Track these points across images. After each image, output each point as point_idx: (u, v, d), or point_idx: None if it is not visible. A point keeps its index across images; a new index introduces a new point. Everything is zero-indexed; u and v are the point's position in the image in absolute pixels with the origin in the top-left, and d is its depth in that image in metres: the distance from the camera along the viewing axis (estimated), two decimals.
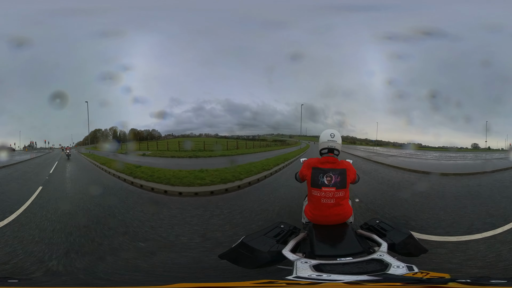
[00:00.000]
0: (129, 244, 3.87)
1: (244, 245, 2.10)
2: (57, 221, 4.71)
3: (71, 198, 6.44)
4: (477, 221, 4.41)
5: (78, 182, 8.26)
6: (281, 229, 2.37)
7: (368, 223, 2.54)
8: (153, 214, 5.22)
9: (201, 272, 3.18)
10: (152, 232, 4.32)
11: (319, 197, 2.49)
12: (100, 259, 3.40)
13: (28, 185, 7.38)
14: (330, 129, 2.71)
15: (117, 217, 4.99)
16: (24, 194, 6.28)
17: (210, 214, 5.10)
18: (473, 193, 6.44)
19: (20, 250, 3.55)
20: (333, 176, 2.49)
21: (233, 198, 6.21)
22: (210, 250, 3.62)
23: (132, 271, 3.18)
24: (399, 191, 7.04)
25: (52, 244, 3.77)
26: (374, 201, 5.77)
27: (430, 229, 4.13)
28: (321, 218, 2.51)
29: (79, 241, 3.91)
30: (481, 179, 8.03)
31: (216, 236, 4.16)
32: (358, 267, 1.74)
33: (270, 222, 2.67)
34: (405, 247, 2.16)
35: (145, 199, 6.28)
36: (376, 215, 4.51)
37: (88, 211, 5.37)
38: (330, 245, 2.26)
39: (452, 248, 3.52)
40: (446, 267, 3.05)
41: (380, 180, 8.16)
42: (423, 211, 5.07)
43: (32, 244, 3.78)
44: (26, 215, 5.01)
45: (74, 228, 4.31)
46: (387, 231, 2.33)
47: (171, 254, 3.60)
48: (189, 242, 3.95)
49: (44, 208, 5.43)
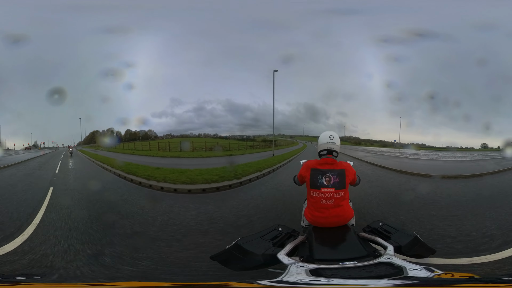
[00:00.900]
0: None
1: (238, 247, 2.04)
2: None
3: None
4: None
5: (75, 157, 14.34)
6: (279, 232, 2.30)
7: (371, 225, 2.47)
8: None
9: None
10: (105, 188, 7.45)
11: (319, 198, 2.48)
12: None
13: (56, 160, 13.05)
14: (329, 131, 2.74)
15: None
16: (56, 163, 12.08)
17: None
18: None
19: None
20: (332, 177, 2.49)
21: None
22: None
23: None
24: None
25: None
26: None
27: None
28: (321, 220, 2.47)
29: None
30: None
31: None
32: (367, 271, 1.65)
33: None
34: (412, 249, 2.10)
35: (103, 172, 10.04)
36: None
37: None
38: (331, 248, 2.19)
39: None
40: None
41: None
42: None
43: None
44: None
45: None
46: (391, 233, 2.27)
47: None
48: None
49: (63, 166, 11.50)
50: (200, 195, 6.54)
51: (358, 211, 3.49)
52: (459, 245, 3.51)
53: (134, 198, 6.48)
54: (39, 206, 5.30)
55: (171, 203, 5.93)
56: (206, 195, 6.52)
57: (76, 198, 6.31)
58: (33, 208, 5.13)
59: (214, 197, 6.38)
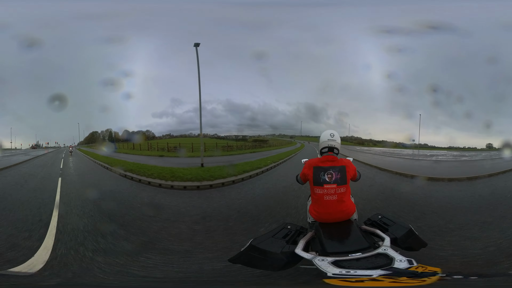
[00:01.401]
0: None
1: (255, 248, 2.14)
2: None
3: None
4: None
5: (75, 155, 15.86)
6: (288, 230, 2.43)
7: (371, 218, 2.63)
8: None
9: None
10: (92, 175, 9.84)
11: (322, 194, 2.60)
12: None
13: (60, 155, 15.14)
14: (330, 130, 2.92)
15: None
16: (59, 158, 13.87)
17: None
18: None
19: None
20: (334, 173, 2.61)
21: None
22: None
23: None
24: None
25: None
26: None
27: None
28: (326, 216, 2.59)
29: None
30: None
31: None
32: (369, 262, 1.83)
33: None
34: (406, 241, 2.27)
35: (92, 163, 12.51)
36: None
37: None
38: (339, 242, 2.32)
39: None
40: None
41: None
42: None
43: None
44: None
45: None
46: (389, 225, 2.43)
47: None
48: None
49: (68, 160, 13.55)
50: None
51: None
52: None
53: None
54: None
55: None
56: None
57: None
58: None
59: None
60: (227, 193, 6.48)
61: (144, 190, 6.94)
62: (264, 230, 3.84)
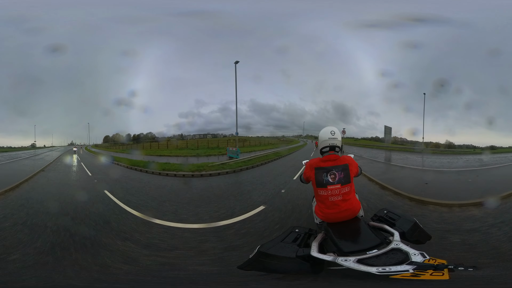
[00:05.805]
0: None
1: (264, 254, 2.12)
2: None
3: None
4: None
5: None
6: (297, 234, 2.39)
7: (378, 214, 2.60)
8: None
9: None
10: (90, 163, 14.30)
11: (326, 195, 2.51)
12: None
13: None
14: (330, 127, 2.73)
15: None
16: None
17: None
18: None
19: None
20: (337, 173, 2.51)
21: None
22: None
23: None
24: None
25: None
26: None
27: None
28: (333, 216, 2.50)
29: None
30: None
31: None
32: (388, 257, 1.84)
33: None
34: (413, 234, 2.28)
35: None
36: None
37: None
38: (351, 241, 2.26)
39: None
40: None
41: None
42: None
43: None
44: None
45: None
46: (395, 220, 2.42)
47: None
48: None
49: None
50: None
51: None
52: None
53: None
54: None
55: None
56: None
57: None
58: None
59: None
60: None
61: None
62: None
